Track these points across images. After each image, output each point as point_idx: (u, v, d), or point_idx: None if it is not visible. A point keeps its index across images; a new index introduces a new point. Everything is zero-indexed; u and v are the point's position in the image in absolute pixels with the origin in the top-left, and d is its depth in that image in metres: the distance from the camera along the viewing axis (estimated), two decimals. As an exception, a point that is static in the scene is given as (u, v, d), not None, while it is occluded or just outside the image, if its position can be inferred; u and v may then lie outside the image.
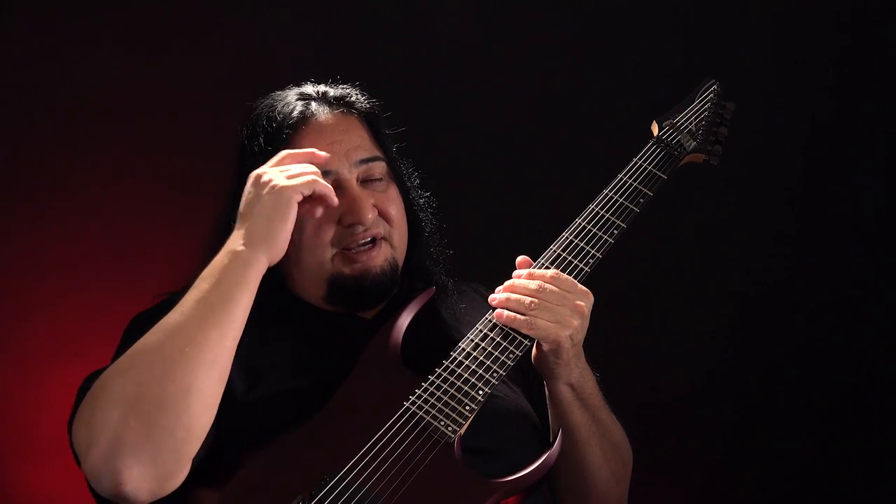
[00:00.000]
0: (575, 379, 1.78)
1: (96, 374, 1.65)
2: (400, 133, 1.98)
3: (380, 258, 1.86)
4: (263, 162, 1.78)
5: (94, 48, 2.76)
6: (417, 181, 2.00)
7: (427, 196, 2.01)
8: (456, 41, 2.91)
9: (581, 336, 1.75)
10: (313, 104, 1.89)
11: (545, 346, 1.74)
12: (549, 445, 1.69)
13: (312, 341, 1.84)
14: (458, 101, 2.86)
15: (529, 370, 1.86)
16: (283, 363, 1.78)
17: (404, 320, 1.83)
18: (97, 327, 2.69)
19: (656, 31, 2.90)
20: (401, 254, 1.91)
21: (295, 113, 1.86)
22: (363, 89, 1.96)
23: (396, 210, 1.89)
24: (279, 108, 1.88)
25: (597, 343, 1.82)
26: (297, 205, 1.69)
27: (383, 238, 1.87)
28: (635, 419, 1.92)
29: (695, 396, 2.89)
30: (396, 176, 1.94)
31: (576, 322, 1.73)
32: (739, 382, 2.90)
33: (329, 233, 1.84)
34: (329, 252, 1.84)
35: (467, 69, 2.90)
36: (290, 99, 1.90)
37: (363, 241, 1.85)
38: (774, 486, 2.89)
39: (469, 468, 1.64)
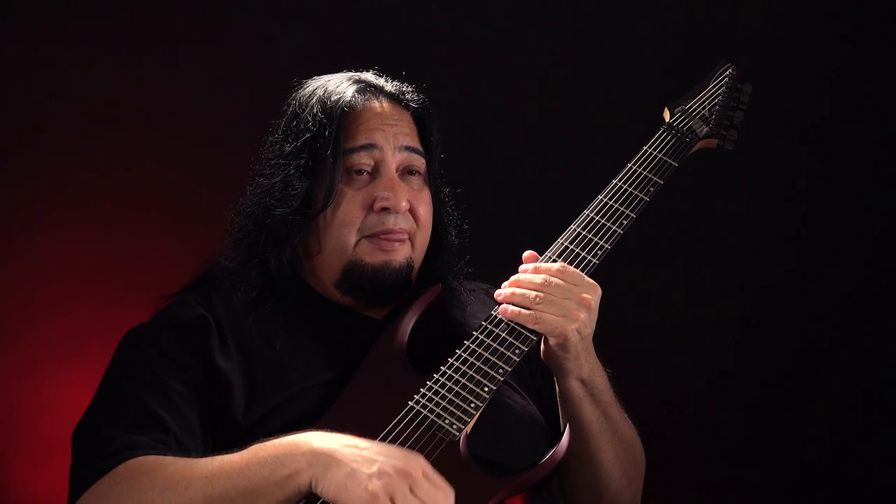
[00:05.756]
0: (585, 374, 1.75)
1: (87, 426, 1.67)
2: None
3: (401, 254, 1.84)
4: (316, 131, 1.81)
5: (93, 54, 2.76)
6: (451, 199, 1.98)
7: (456, 214, 1.99)
8: (458, 33, 2.91)
9: (589, 329, 1.72)
10: (370, 91, 1.89)
11: (552, 341, 1.72)
12: (557, 442, 1.67)
13: (321, 340, 1.81)
14: (464, 93, 2.84)
15: (536, 369, 1.85)
16: (292, 363, 1.76)
17: (410, 319, 1.82)
18: (97, 328, 2.68)
19: (664, 22, 2.91)
20: (418, 257, 1.89)
21: (349, 95, 1.86)
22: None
23: (425, 212, 1.88)
24: (334, 88, 1.88)
25: (603, 342, 1.79)
26: None
27: (408, 237, 1.85)
28: (643, 418, 1.89)
29: (701, 396, 2.89)
30: (433, 183, 1.92)
31: (582, 315, 1.70)
32: (747, 383, 2.89)
33: (359, 217, 1.82)
34: (354, 237, 1.82)
35: (473, 61, 2.90)
36: (345, 82, 1.90)
37: (391, 234, 1.83)
38: (779, 487, 2.88)
39: (475, 466, 1.62)
